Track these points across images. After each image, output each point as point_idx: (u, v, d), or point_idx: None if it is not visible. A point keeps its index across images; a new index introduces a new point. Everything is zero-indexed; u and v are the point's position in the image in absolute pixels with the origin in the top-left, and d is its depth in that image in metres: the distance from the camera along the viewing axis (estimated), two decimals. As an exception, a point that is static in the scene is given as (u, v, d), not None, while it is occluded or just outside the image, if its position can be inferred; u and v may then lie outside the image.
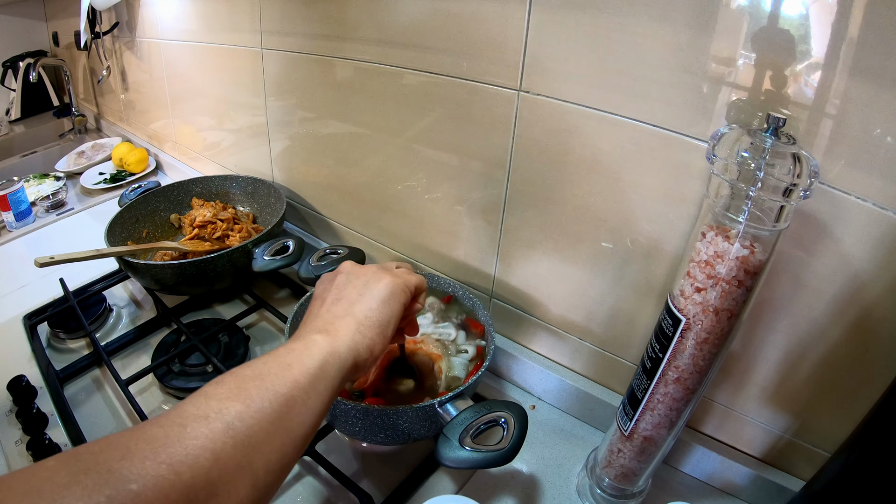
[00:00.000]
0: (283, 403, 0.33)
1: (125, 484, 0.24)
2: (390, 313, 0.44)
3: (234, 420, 0.30)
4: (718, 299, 0.41)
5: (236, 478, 0.29)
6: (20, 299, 0.89)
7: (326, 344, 0.38)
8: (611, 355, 0.64)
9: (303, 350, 0.37)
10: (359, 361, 0.40)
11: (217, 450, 0.28)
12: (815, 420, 0.52)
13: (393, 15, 0.65)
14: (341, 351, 0.39)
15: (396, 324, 0.44)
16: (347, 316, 0.42)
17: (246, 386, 0.32)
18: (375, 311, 0.43)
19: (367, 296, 0.44)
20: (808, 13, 0.39)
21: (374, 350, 0.41)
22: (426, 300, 0.50)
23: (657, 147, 0.50)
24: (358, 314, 0.42)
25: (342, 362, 0.38)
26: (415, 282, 0.48)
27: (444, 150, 0.68)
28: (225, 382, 0.32)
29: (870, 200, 0.41)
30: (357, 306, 0.43)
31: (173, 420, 0.29)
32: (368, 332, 0.41)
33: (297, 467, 0.61)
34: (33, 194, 1.21)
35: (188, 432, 0.28)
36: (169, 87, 1.21)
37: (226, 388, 0.32)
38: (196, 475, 0.27)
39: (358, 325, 0.41)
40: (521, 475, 0.61)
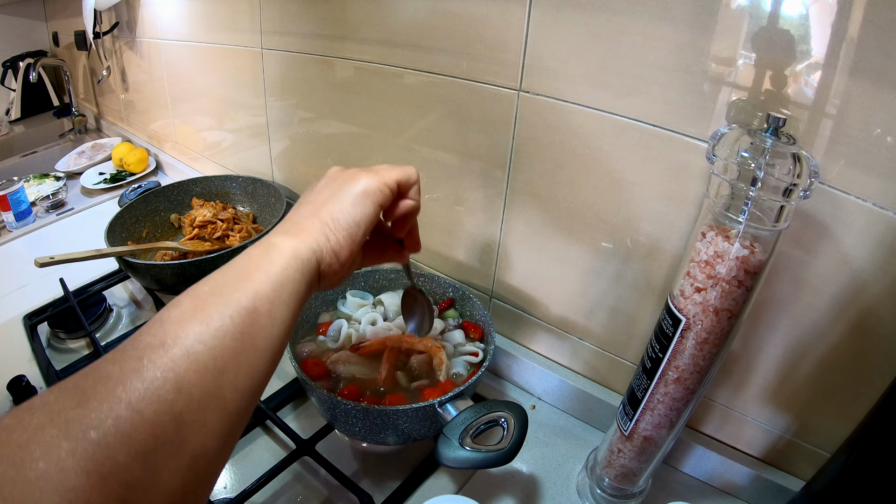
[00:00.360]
0: (246, 317, 0.30)
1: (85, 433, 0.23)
2: (361, 213, 0.39)
3: (193, 343, 0.27)
4: (718, 299, 0.41)
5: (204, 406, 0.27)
6: (20, 299, 0.89)
7: (288, 247, 0.35)
8: (611, 355, 0.64)
9: (262, 255, 0.34)
10: (323, 265, 0.37)
11: (179, 379, 0.26)
12: (815, 420, 0.52)
13: (393, 15, 0.65)
14: (303, 253, 0.35)
15: (368, 226, 0.40)
16: (314, 217, 0.38)
17: (203, 304, 0.29)
18: (344, 211, 0.38)
19: (338, 196, 0.39)
20: (808, 13, 0.39)
21: (340, 254, 0.38)
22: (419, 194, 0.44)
23: (657, 147, 0.50)
24: (324, 215, 0.38)
25: (305, 264, 0.35)
26: (395, 176, 0.42)
27: (444, 150, 0.68)
28: (181, 304, 0.30)
29: (870, 200, 0.41)
30: (325, 207, 0.39)
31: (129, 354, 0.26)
32: (333, 235, 0.37)
33: (296, 467, 0.61)
34: (33, 194, 1.21)
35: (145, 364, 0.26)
36: (169, 87, 1.21)
37: (182, 309, 0.29)
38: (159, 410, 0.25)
39: (323, 227, 0.37)
40: (521, 475, 0.61)
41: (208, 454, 0.27)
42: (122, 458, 0.23)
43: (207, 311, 0.29)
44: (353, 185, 0.40)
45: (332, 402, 0.54)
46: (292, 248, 0.35)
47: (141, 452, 0.24)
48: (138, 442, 0.24)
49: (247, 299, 0.31)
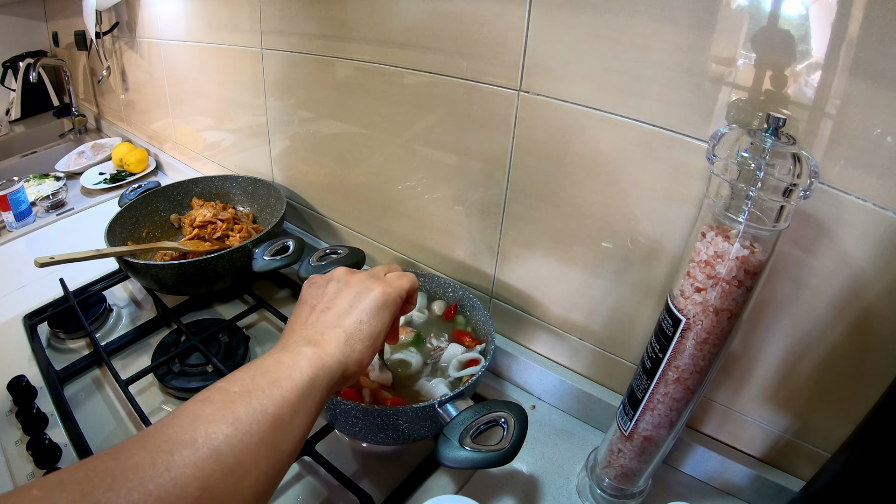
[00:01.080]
0: (272, 424, 0.32)
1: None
2: (380, 325, 0.42)
3: (222, 445, 0.29)
4: (718, 299, 0.41)
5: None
6: (20, 299, 0.89)
7: (316, 357, 0.37)
8: (611, 355, 0.64)
9: (291, 364, 0.36)
10: (347, 374, 0.39)
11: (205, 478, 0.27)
12: (815, 420, 0.52)
13: (393, 15, 0.65)
14: (331, 364, 0.38)
15: (386, 334, 0.43)
16: (337, 328, 0.41)
17: (234, 406, 0.31)
18: (366, 323, 0.42)
19: (357, 307, 0.42)
20: (808, 13, 0.39)
21: (363, 363, 0.41)
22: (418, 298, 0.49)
23: (657, 147, 0.50)
24: (348, 326, 0.41)
25: (331, 376, 0.37)
26: (406, 287, 0.46)
27: (444, 150, 0.68)
28: (212, 401, 0.31)
29: (870, 200, 0.41)
30: (347, 318, 0.41)
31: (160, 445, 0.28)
32: (358, 346, 0.40)
33: (296, 467, 0.61)
34: (33, 194, 1.21)
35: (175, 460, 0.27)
36: (169, 87, 1.21)
37: (213, 407, 0.31)
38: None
39: (348, 338, 0.40)
40: (521, 475, 0.61)
41: None
42: None
43: (237, 413, 0.31)
44: (371, 295, 0.43)
45: (332, 402, 0.54)
46: (319, 359, 0.37)
47: None
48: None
49: (274, 407, 0.32)
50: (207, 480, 0.27)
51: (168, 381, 0.72)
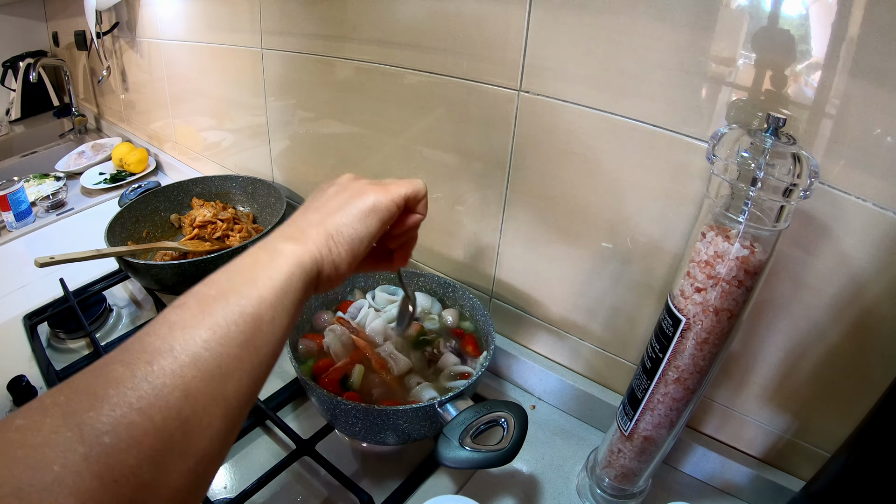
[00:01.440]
0: (251, 324, 0.31)
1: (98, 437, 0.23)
2: (365, 230, 0.40)
3: (201, 350, 0.28)
4: (718, 299, 0.41)
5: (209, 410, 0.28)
6: (20, 299, 0.89)
7: (293, 254, 0.36)
8: (611, 355, 0.64)
9: (268, 262, 0.34)
10: (322, 276, 0.37)
11: (186, 385, 0.27)
12: (815, 420, 0.52)
13: (393, 15, 0.65)
14: (306, 261, 0.36)
15: (370, 242, 0.41)
16: (319, 225, 0.39)
17: (211, 310, 0.30)
18: (349, 225, 0.39)
19: (346, 209, 0.40)
20: (808, 13, 0.39)
21: (340, 267, 0.38)
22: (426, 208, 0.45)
23: (657, 147, 0.50)
24: (330, 226, 0.39)
25: (307, 273, 0.36)
26: (403, 192, 0.43)
27: (444, 150, 0.68)
28: (188, 306, 0.30)
29: (870, 200, 0.41)
30: (332, 218, 0.39)
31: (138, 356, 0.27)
32: (336, 248, 0.38)
33: (296, 466, 0.61)
34: (33, 194, 1.21)
35: (154, 370, 0.26)
36: (169, 87, 1.21)
37: (189, 313, 0.30)
38: (167, 416, 0.25)
39: (327, 238, 0.38)
40: (521, 475, 0.61)
41: (212, 455, 0.28)
42: (132, 462, 0.24)
43: (214, 317, 0.30)
44: (363, 199, 0.41)
45: (332, 402, 0.54)
46: (296, 256, 0.36)
47: (150, 457, 0.24)
48: (148, 447, 0.24)
49: (252, 306, 0.31)
50: (189, 387, 0.27)
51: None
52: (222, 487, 0.59)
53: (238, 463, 0.62)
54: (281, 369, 0.74)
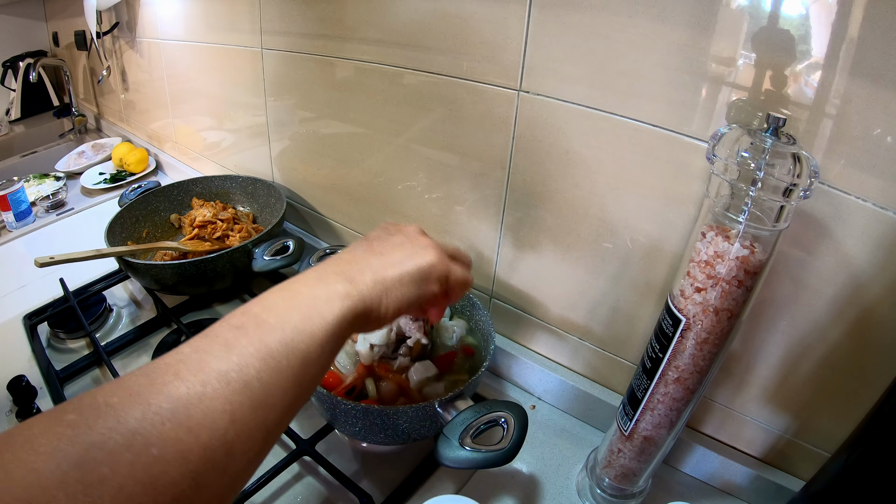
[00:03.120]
0: (301, 360, 0.32)
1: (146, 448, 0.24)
2: (417, 293, 0.41)
3: (253, 380, 0.29)
4: (718, 299, 0.41)
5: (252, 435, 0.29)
6: (20, 299, 0.89)
7: (347, 296, 0.36)
8: (611, 355, 0.64)
9: (325, 300, 0.35)
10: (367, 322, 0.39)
11: (234, 410, 0.28)
12: (815, 420, 0.52)
13: (393, 15, 0.65)
14: (358, 307, 0.37)
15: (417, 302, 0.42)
16: (378, 274, 0.40)
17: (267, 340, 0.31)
18: (405, 284, 0.41)
19: (405, 264, 0.41)
20: (808, 13, 0.39)
21: (384, 320, 0.40)
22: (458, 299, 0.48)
23: (657, 147, 0.50)
24: (388, 279, 0.40)
25: (356, 318, 0.37)
26: (458, 275, 0.45)
27: (444, 150, 0.68)
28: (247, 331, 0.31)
29: (870, 200, 0.41)
30: (391, 270, 0.40)
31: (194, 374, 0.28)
32: (386, 300, 0.39)
33: (296, 467, 0.61)
34: (33, 194, 1.21)
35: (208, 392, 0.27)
36: (169, 87, 1.21)
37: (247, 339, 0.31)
38: (213, 437, 0.27)
39: (384, 290, 0.39)
40: (521, 475, 0.61)
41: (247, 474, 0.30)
42: (175, 474, 0.25)
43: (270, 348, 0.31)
44: (424, 259, 0.42)
45: (333, 402, 0.54)
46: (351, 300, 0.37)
47: (192, 472, 0.25)
48: (191, 462, 0.26)
49: (304, 343, 0.32)
50: (236, 413, 0.28)
51: (168, 381, 0.71)
52: (222, 487, 0.59)
53: (238, 463, 0.62)
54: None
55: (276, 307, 0.34)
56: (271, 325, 0.32)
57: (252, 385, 0.29)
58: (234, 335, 0.31)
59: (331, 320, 0.34)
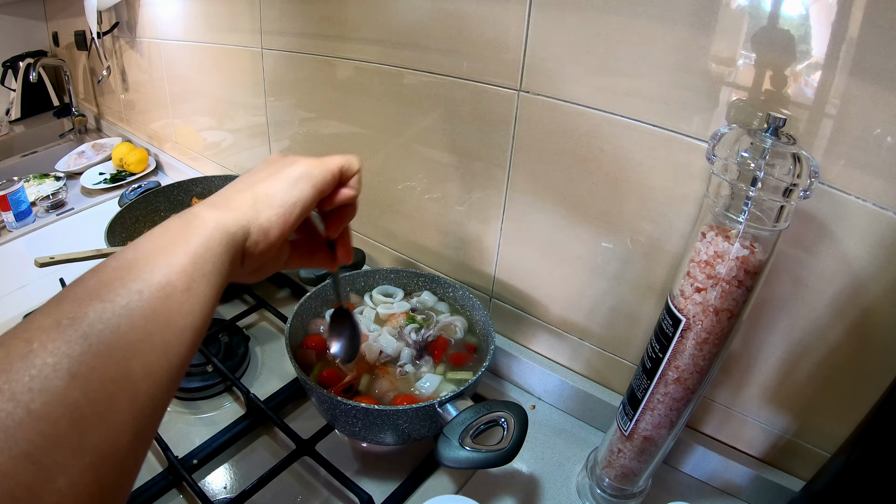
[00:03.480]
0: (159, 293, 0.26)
1: None
2: (297, 194, 0.36)
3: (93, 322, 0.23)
4: (718, 299, 0.41)
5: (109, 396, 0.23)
6: (20, 299, 0.89)
7: (211, 218, 0.32)
8: (611, 355, 0.64)
9: (181, 228, 0.30)
10: (248, 241, 0.33)
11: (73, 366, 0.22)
12: (816, 420, 0.52)
13: (393, 15, 0.65)
14: (229, 225, 0.32)
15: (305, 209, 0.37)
16: (246, 191, 0.35)
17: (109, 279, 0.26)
18: (281, 190, 0.36)
19: (275, 176, 0.37)
20: (808, 13, 0.39)
21: (270, 232, 0.35)
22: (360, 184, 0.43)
23: (657, 147, 0.50)
24: (259, 192, 0.35)
25: (230, 238, 0.32)
26: (338, 162, 0.40)
27: (444, 149, 0.68)
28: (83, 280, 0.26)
29: (870, 200, 0.41)
30: (261, 184, 0.36)
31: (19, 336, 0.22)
32: (265, 211, 0.35)
33: (296, 466, 0.61)
34: (33, 194, 1.21)
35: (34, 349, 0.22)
36: (169, 87, 1.21)
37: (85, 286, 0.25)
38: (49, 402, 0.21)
39: (255, 202, 0.35)
40: (521, 475, 0.61)
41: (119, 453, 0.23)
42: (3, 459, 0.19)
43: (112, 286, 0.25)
44: (294, 167, 0.38)
45: (332, 402, 0.54)
46: (216, 220, 0.32)
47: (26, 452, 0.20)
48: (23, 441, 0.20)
49: (161, 273, 0.27)
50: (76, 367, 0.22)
51: (168, 381, 0.71)
52: (222, 487, 0.59)
53: (238, 463, 0.62)
54: (281, 369, 0.74)
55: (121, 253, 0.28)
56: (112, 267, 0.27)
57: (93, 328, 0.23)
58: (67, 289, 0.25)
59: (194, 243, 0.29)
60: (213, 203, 0.34)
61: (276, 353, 0.78)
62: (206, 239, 0.30)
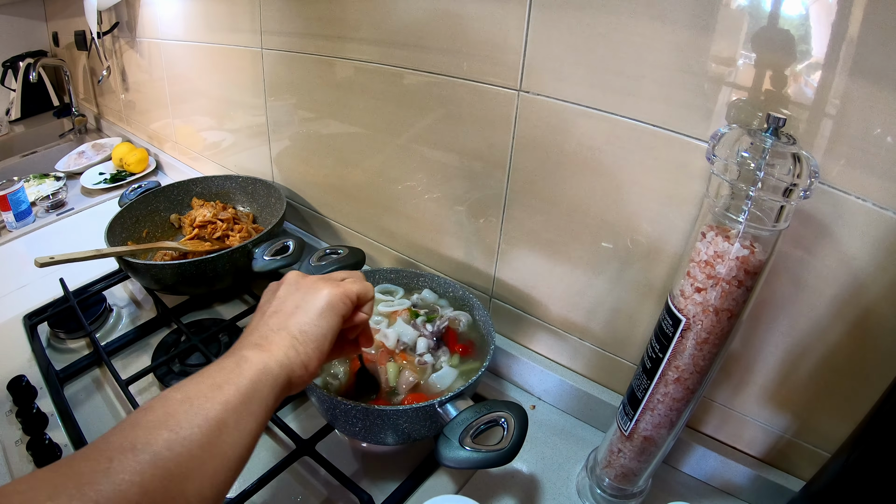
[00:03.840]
0: (214, 427, 0.32)
1: None
2: (327, 326, 0.42)
3: (161, 450, 0.29)
4: (718, 299, 0.41)
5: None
6: (20, 299, 0.89)
7: (259, 360, 0.37)
8: (611, 355, 0.64)
9: (233, 368, 0.36)
10: (293, 378, 0.39)
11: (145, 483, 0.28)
12: (815, 420, 0.52)
13: (393, 15, 0.65)
14: (273, 367, 0.37)
15: (334, 337, 0.43)
16: (282, 330, 0.41)
17: (174, 411, 0.31)
18: (311, 324, 0.41)
19: (303, 308, 0.42)
20: (808, 13, 0.39)
21: (310, 366, 0.40)
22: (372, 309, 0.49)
23: (657, 147, 0.50)
24: (293, 328, 0.41)
25: (275, 379, 0.37)
26: (356, 290, 0.45)
27: (444, 150, 0.68)
28: (153, 409, 0.32)
29: (870, 200, 0.41)
30: (292, 319, 0.41)
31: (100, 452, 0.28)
32: (303, 348, 0.40)
33: (296, 466, 0.61)
34: (33, 194, 1.21)
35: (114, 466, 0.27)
36: (169, 87, 1.21)
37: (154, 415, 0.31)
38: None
39: (292, 340, 0.40)
40: (521, 475, 0.61)
41: None
42: None
43: (177, 418, 0.31)
44: (318, 296, 0.43)
45: (332, 402, 0.54)
46: (262, 362, 0.37)
47: None
48: None
49: (215, 410, 0.32)
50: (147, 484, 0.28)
51: (168, 381, 0.72)
52: (222, 487, 0.59)
53: (238, 463, 0.62)
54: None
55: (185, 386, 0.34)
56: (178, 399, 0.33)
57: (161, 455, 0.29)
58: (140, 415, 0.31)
59: (242, 385, 0.35)
60: (257, 343, 0.39)
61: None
62: (253, 381, 0.36)
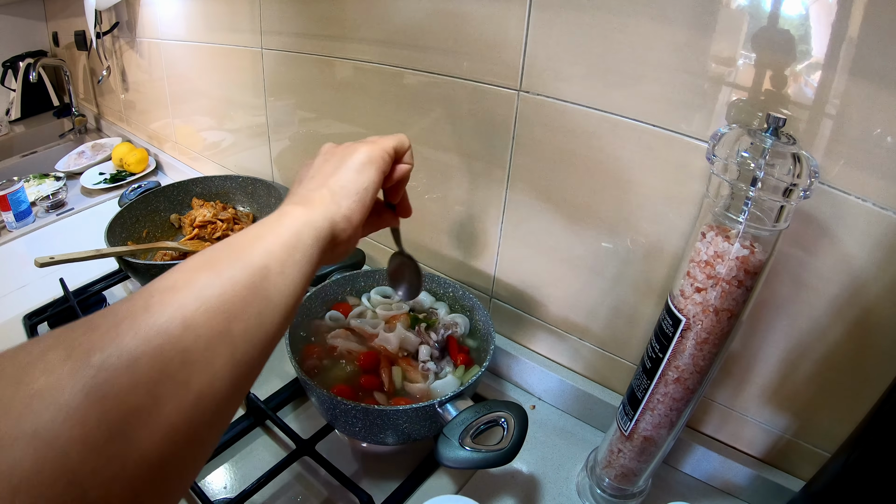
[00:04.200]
0: (257, 271, 0.31)
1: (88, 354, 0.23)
2: (367, 180, 0.41)
3: (203, 288, 0.28)
4: (718, 299, 0.41)
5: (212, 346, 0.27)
6: (20, 299, 0.89)
7: (300, 214, 0.36)
8: (611, 355, 0.64)
9: (275, 221, 0.35)
10: (336, 231, 0.38)
11: (187, 317, 0.26)
12: (816, 420, 0.52)
13: (392, 15, 0.65)
14: (317, 220, 0.37)
15: (375, 191, 0.42)
16: (322, 188, 0.40)
17: (217, 258, 0.31)
18: (350, 180, 0.41)
19: (342, 168, 0.42)
20: (808, 13, 0.39)
21: (353, 219, 0.40)
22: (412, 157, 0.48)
23: (657, 147, 0.50)
24: (333, 185, 0.40)
25: (318, 231, 0.36)
26: (392, 143, 0.45)
27: (444, 150, 0.68)
28: (194, 258, 0.31)
29: (870, 200, 0.41)
30: (332, 178, 0.41)
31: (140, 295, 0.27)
32: (344, 202, 0.40)
33: (296, 466, 0.61)
34: (33, 194, 1.21)
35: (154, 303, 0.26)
36: (169, 87, 1.21)
37: (195, 262, 0.30)
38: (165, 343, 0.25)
39: (333, 196, 0.39)
40: (521, 475, 0.61)
41: (215, 396, 0.27)
42: (124, 382, 0.23)
43: (219, 264, 0.30)
44: (355, 155, 0.42)
45: (332, 402, 0.54)
46: (305, 216, 0.36)
47: (143, 381, 0.24)
48: (141, 371, 0.24)
49: (259, 257, 0.32)
50: (189, 320, 0.26)
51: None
52: (222, 487, 0.59)
53: (238, 463, 0.62)
54: (281, 369, 0.74)
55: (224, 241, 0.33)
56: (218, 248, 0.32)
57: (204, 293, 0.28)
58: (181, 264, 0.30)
59: (285, 234, 0.34)
60: (297, 202, 0.39)
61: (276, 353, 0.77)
62: (296, 232, 0.35)
